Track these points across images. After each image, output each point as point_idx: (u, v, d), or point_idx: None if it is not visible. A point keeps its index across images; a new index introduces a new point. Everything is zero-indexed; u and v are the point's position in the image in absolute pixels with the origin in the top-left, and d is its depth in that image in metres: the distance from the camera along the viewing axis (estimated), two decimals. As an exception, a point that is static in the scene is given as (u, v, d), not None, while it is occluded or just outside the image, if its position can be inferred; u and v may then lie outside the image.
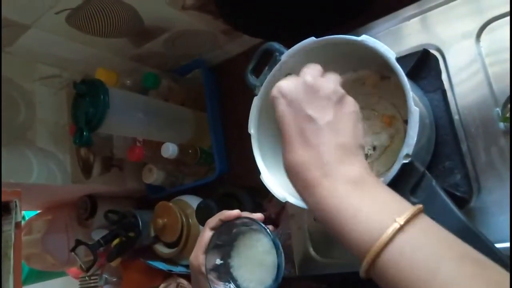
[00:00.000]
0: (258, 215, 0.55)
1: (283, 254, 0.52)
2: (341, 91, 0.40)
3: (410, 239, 0.31)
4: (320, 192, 0.35)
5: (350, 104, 0.40)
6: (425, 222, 0.33)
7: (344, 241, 0.34)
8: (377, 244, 0.31)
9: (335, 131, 0.37)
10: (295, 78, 0.41)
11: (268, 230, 0.53)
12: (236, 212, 0.55)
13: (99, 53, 0.84)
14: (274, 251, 0.52)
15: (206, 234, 0.56)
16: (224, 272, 0.55)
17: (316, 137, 0.37)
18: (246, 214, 0.56)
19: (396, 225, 0.31)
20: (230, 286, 0.54)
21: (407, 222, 0.31)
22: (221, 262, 0.56)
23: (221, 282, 0.54)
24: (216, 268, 0.55)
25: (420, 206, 0.33)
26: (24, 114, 0.80)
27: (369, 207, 0.33)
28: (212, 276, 0.53)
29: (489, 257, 0.31)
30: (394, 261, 0.30)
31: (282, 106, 0.39)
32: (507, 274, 0.29)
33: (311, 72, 0.41)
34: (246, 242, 0.56)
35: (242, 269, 0.55)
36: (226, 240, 0.57)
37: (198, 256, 0.56)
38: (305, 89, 0.39)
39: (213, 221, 0.56)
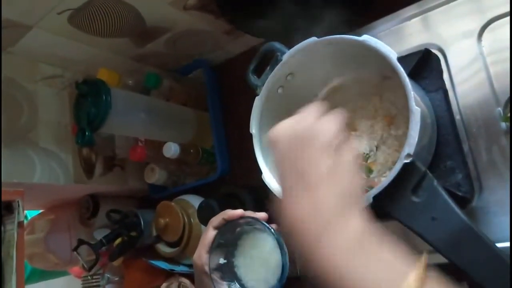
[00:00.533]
0: (262, 215, 0.55)
1: (287, 254, 0.51)
2: (340, 136, 0.38)
3: None
4: (322, 251, 0.34)
5: (349, 151, 0.38)
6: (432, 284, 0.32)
7: None
8: None
9: (332, 182, 0.36)
10: (293, 121, 0.40)
11: (272, 229, 0.52)
12: (239, 211, 0.55)
13: (101, 53, 0.84)
14: (278, 251, 0.52)
15: (210, 233, 0.56)
16: (228, 272, 0.55)
17: (314, 189, 0.36)
18: (249, 213, 0.55)
19: None
20: (234, 286, 0.54)
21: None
22: (225, 261, 0.55)
23: (225, 282, 0.54)
24: (219, 268, 0.55)
25: (424, 259, 0.33)
26: (26, 114, 0.80)
27: (375, 269, 0.32)
28: (215, 276, 0.53)
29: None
30: None
31: (279, 155, 0.38)
32: None
33: (310, 115, 0.39)
34: (250, 241, 0.56)
35: (246, 269, 0.55)
36: (229, 239, 0.56)
37: (201, 256, 0.55)
38: (303, 137, 0.38)
39: (216, 220, 0.56)
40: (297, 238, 0.36)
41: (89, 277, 1.00)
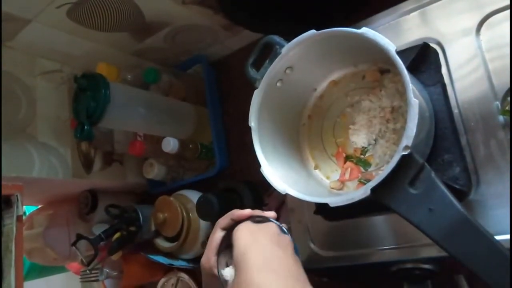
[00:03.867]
0: (271, 214, 0.53)
1: (299, 251, 0.50)
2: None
3: None
4: None
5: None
6: None
7: None
8: None
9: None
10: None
11: (283, 228, 0.51)
12: (248, 211, 0.52)
13: (100, 48, 0.84)
14: None
15: (217, 234, 0.53)
16: None
17: None
18: (258, 212, 0.53)
19: None
20: None
21: None
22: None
23: None
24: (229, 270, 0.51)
25: None
26: (25, 109, 0.80)
27: None
28: (225, 278, 0.50)
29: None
30: None
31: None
32: None
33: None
34: None
35: None
36: None
37: (209, 258, 0.52)
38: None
39: (224, 221, 0.53)
40: None
41: (87, 271, 1.00)
